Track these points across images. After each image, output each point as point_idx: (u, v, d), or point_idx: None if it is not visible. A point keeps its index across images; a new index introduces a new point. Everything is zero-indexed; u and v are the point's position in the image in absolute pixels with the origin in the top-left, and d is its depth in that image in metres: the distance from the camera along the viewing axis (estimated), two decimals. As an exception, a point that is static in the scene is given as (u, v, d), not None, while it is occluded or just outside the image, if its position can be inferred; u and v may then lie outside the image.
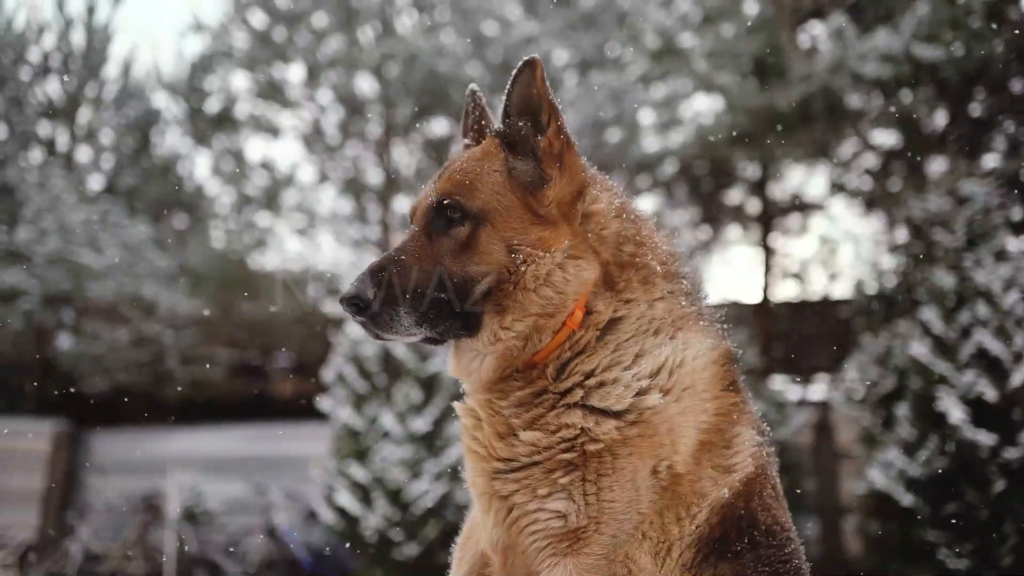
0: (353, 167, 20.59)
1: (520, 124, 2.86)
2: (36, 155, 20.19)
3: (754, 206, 18.50)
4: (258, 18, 19.66)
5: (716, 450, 2.71)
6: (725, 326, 3.00)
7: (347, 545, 13.93)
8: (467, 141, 3.15)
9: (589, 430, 2.60)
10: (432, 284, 2.66)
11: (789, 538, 2.80)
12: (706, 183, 18.03)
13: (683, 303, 2.88)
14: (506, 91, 2.87)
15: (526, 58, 2.84)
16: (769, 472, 2.84)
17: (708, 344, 2.82)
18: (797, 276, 18.67)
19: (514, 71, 2.85)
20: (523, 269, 2.69)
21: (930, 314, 10.60)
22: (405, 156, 21.00)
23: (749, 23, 13.72)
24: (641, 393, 2.64)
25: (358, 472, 13.14)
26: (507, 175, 2.81)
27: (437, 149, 20.51)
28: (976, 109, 13.63)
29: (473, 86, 3.12)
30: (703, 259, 19.42)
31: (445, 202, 2.75)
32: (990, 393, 9.77)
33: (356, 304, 2.61)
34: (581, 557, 2.56)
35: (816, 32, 14.23)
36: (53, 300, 18.41)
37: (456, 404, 3.00)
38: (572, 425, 2.62)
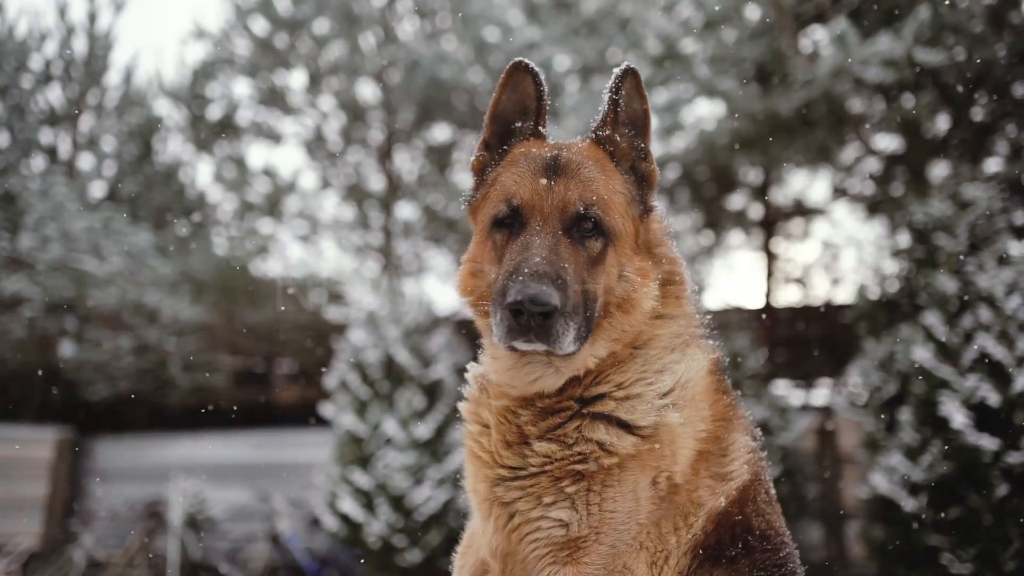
0: (355, 173, 20.61)
1: (636, 143, 2.85)
2: (38, 162, 20.20)
3: (756, 211, 18.51)
4: (260, 25, 19.69)
5: (713, 459, 2.73)
6: (715, 333, 3.01)
7: (350, 552, 13.93)
8: (526, 125, 2.94)
9: (609, 444, 2.60)
10: (583, 297, 2.57)
11: (783, 542, 2.80)
12: (708, 188, 18.04)
13: (696, 318, 2.92)
14: (611, 96, 2.81)
15: (627, 65, 2.77)
16: (763, 477, 2.86)
17: (706, 357, 2.85)
18: (799, 281, 18.67)
19: (616, 74, 2.78)
20: (630, 295, 2.68)
21: (932, 319, 10.58)
22: (407, 162, 21.02)
23: (751, 28, 13.72)
24: (663, 411, 2.65)
25: (361, 478, 13.15)
26: (629, 198, 2.79)
27: (439, 155, 20.52)
28: (978, 113, 13.61)
29: (527, 60, 2.86)
30: (705, 264, 19.42)
31: (590, 213, 2.66)
32: (993, 398, 9.75)
33: (547, 311, 2.42)
34: (580, 566, 2.56)
35: (818, 37, 14.21)
36: (56, 307, 18.43)
37: (461, 405, 2.98)
38: (593, 440, 2.61)
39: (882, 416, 11.33)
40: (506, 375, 2.75)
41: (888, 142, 15.19)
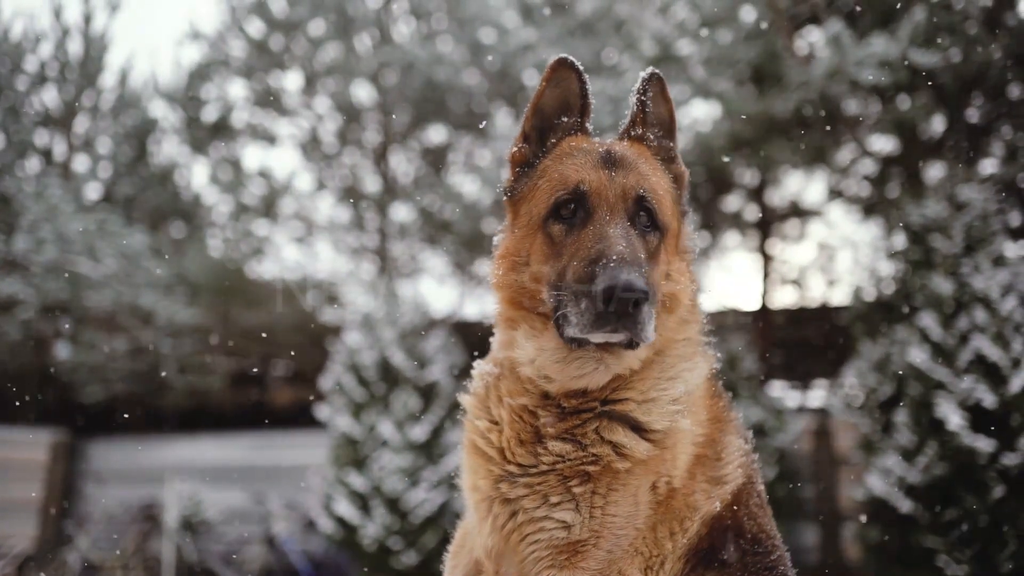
0: (351, 175, 20.59)
1: (664, 143, 2.88)
2: (33, 164, 20.17)
3: (752, 212, 18.49)
4: (255, 26, 19.67)
5: (709, 462, 2.73)
6: (713, 339, 3.02)
7: (346, 554, 13.91)
8: (572, 121, 2.94)
9: (626, 448, 2.59)
10: (657, 288, 2.57)
11: (774, 545, 2.80)
12: (704, 190, 18.00)
13: (704, 327, 2.93)
14: (639, 98, 2.86)
15: (652, 70, 2.81)
16: (755, 480, 2.87)
17: (707, 364, 2.87)
18: (795, 282, 18.64)
19: (643, 77, 2.82)
20: (677, 298, 2.69)
21: (928, 320, 10.59)
22: (403, 164, 21.01)
23: (746, 30, 13.72)
24: (675, 416, 2.65)
25: (356, 480, 13.13)
26: (674, 197, 2.83)
27: (434, 156, 20.50)
28: (974, 115, 13.60)
29: (570, 57, 2.88)
30: (702, 266, 19.42)
31: (648, 204, 2.67)
32: (988, 399, 9.76)
33: (640, 298, 2.38)
34: (577, 571, 2.55)
35: (813, 38, 14.21)
36: (51, 309, 18.39)
37: (465, 398, 2.96)
38: (609, 442, 2.60)
39: (878, 417, 11.33)
40: (553, 368, 2.67)
41: (884, 143, 15.19)
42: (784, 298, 19.41)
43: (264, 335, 19.75)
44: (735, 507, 2.73)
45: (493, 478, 2.71)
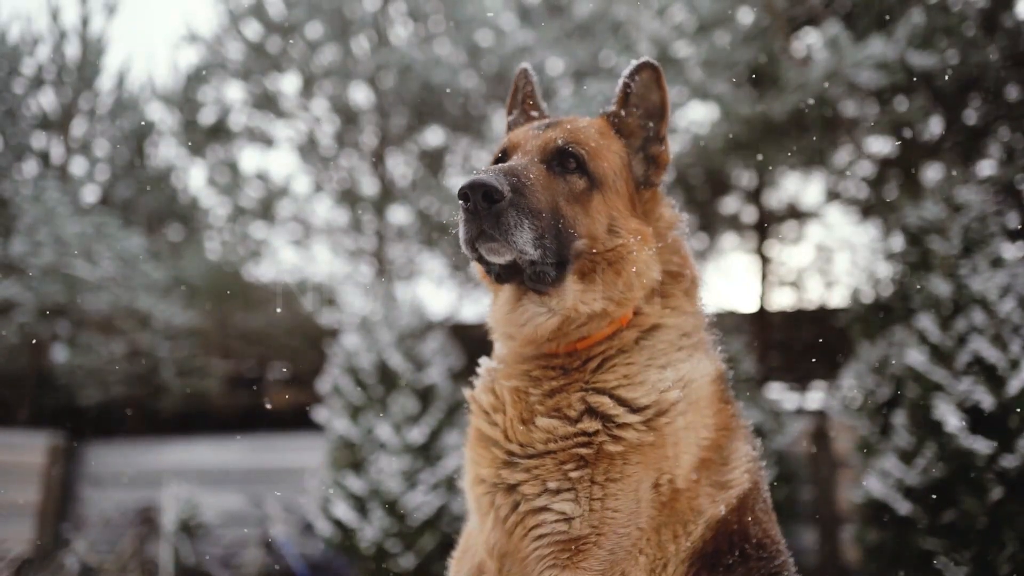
0: (348, 177, 20.56)
1: (642, 122, 2.97)
2: (31, 167, 20.15)
3: (750, 214, 18.49)
4: (252, 29, 19.65)
5: (714, 467, 2.74)
6: (720, 342, 3.05)
7: (344, 556, 13.88)
8: (513, 115, 3.25)
9: (615, 419, 2.62)
10: (551, 214, 2.62)
11: (779, 550, 2.82)
12: (701, 191, 17.99)
13: (705, 320, 2.99)
14: (623, 82, 2.96)
15: (645, 59, 2.93)
16: (762, 486, 2.89)
17: (712, 364, 2.89)
18: (793, 284, 18.65)
19: (633, 64, 2.94)
20: (621, 251, 2.73)
21: (926, 322, 10.57)
22: (400, 166, 20.97)
23: (743, 32, 13.71)
24: (664, 391, 2.68)
25: (354, 483, 13.11)
26: (626, 162, 2.89)
27: (432, 159, 20.49)
28: (971, 116, 13.59)
29: (526, 65, 3.20)
30: (699, 268, 19.34)
31: (569, 149, 2.75)
32: (987, 401, 9.74)
33: (490, 196, 2.46)
34: (578, 571, 2.55)
35: (811, 40, 14.23)
36: (48, 312, 18.36)
37: (476, 382, 3.01)
38: (598, 406, 2.65)
39: (876, 419, 11.32)
40: (504, 320, 2.81)
41: (881, 145, 15.18)
42: (782, 300, 19.41)
43: (261, 338, 19.73)
44: (741, 512, 2.74)
45: (497, 464, 2.74)
